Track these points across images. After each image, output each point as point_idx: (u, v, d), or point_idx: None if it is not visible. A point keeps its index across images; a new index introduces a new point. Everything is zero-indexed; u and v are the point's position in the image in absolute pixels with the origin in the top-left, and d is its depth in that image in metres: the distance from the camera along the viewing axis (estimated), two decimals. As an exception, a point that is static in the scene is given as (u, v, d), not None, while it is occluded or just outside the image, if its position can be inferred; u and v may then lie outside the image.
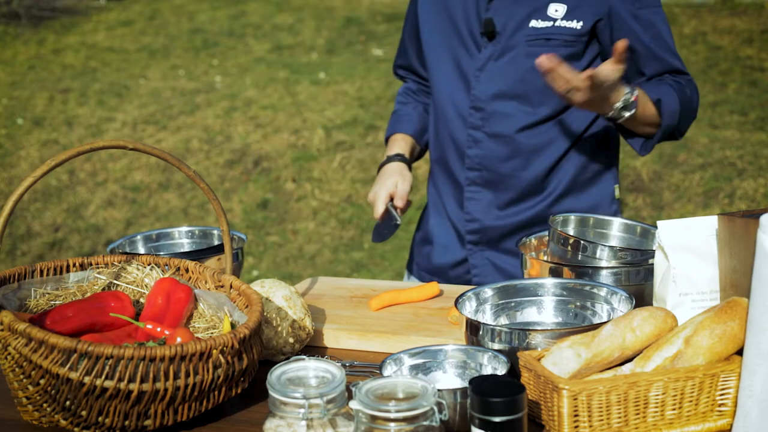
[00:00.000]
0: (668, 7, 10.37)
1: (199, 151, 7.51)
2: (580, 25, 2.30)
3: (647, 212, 6.12)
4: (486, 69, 2.37)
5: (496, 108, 2.37)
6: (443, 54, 2.44)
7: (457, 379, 1.70)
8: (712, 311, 1.57)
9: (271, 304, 1.89)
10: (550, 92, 2.29)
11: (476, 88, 2.38)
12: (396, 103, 2.72)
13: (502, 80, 2.36)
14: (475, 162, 2.43)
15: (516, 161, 2.40)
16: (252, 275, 5.83)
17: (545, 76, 2.11)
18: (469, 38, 2.39)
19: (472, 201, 2.46)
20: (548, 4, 2.30)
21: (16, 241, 6.54)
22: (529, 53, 2.31)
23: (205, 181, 1.77)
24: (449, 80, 2.44)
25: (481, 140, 2.40)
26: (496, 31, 2.33)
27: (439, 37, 2.44)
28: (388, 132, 2.66)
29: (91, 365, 1.51)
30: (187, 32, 11.11)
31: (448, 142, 2.47)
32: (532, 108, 2.36)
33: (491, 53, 2.36)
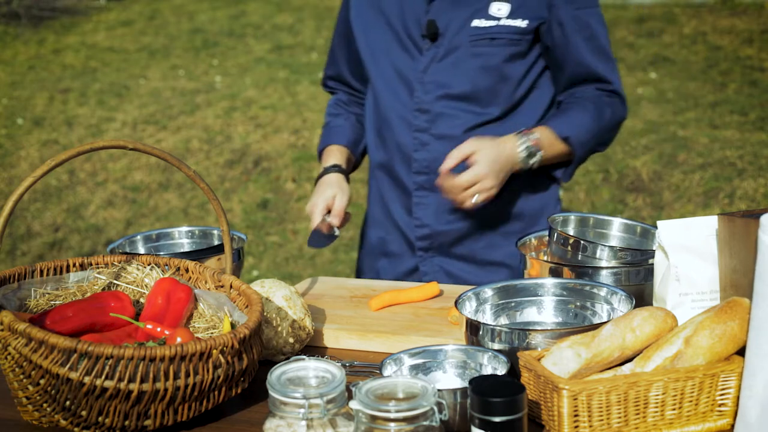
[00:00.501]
0: (668, 7, 10.38)
1: (199, 151, 7.51)
2: (525, 23, 2.27)
3: (647, 212, 6.12)
4: (429, 71, 2.33)
5: (442, 109, 2.34)
6: (382, 59, 2.40)
7: (457, 379, 1.70)
8: (712, 311, 1.57)
9: (271, 304, 1.89)
10: (498, 92, 2.32)
11: (420, 90, 2.35)
12: (327, 116, 2.67)
13: (448, 81, 2.33)
14: (422, 165, 2.39)
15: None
16: (252, 275, 5.83)
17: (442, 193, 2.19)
18: (409, 41, 2.34)
19: (421, 206, 2.42)
20: (490, 4, 2.28)
21: (16, 241, 6.54)
22: (474, 53, 2.29)
23: (205, 181, 1.77)
24: (390, 84, 2.39)
25: (428, 143, 2.37)
26: (439, 32, 2.30)
27: (377, 42, 2.40)
28: (322, 144, 2.61)
29: (91, 365, 1.51)
30: (187, 32, 11.11)
31: (393, 148, 2.43)
32: (480, 108, 2.33)
33: (434, 55, 2.32)
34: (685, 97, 7.85)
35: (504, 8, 2.27)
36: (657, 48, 9.28)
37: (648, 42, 9.47)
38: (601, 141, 2.37)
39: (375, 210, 2.57)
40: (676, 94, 7.92)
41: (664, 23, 9.97)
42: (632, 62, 8.91)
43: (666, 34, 9.67)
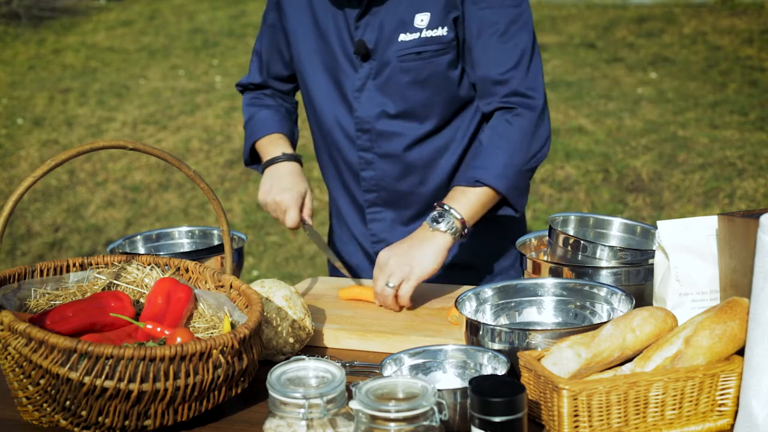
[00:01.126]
0: (668, 7, 10.38)
1: (199, 151, 7.51)
2: (444, 30, 2.19)
3: (647, 212, 6.12)
4: (365, 89, 2.27)
5: (383, 128, 2.29)
6: (321, 75, 2.33)
7: (457, 379, 1.70)
8: (712, 311, 1.57)
9: (271, 304, 1.89)
10: (433, 104, 2.26)
11: (359, 109, 2.29)
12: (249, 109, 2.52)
13: (383, 99, 2.27)
14: (371, 184, 2.36)
15: (412, 178, 2.33)
16: (252, 275, 5.83)
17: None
18: (344, 58, 2.28)
19: (375, 222, 2.40)
20: (414, 15, 2.20)
21: (16, 241, 6.54)
22: (403, 69, 2.22)
23: (205, 181, 1.77)
24: (331, 102, 2.33)
25: (373, 161, 2.33)
26: (370, 51, 2.24)
27: (315, 58, 2.33)
28: (255, 135, 2.45)
29: (91, 365, 1.51)
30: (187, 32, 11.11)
31: (342, 165, 2.39)
32: (418, 123, 2.28)
33: (368, 72, 2.26)
34: (685, 97, 7.85)
35: (425, 18, 2.19)
36: (657, 48, 9.28)
37: (648, 42, 9.48)
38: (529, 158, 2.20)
39: (336, 221, 2.55)
40: (676, 94, 7.92)
41: (664, 23, 9.97)
42: (632, 62, 8.91)
43: (666, 34, 9.67)
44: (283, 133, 2.45)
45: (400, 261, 2.09)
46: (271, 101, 2.54)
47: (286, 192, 2.32)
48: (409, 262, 2.08)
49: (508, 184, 2.16)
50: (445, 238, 2.10)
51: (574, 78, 8.50)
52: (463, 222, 2.11)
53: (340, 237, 2.54)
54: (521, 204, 2.22)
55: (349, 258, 2.52)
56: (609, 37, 9.77)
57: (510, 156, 2.16)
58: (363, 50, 2.24)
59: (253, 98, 2.56)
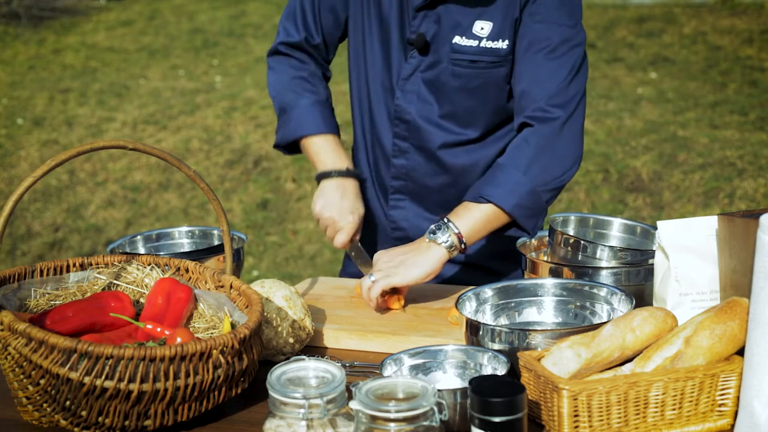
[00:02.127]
0: (668, 7, 10.38)
1: (199, 151, 7.51)
2: (506, 44, 2.13)
3: (647, 212, 6.12)
4: (411, 80, 2.23)
5: (421, 124, 2.25)
6: (376, 53, 2.25)
7: (457, 379, 1.70)
8: (712, 311, 1.57)
9: (271, 304, 1.89)
10: (477, 113, 2.21)
11: (401, 98, 2.24)
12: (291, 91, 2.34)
13: (428, 96, 2.23)
14: (401, 172, 2.31)
15: (444, 178, 2.29)
16: (252, 275, 5.83)
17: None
18: (399, 42, 2.22)
19: (397, 209, 2.36)
20: (474, 21, 2.14)
21: (16, 241, 6.54)
22: (455, 73, 2.17)
23: (205, 181, 1.77)
24: (379, 83, 2.28)
25: (408, 151, 2.29)
26: (428, 42, 2.17)
27: (374, 33, 2.24)
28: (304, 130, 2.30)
29: (91, 365, 1.51)
30: (187, 32, 11.11)
31: (378, 146, 2.34)
32: (460, 128, 2.24)
33: (418, 64, 2.21)
34: (685, 97, 7.85)
35: (486, 27, 2.13)
36: (657, 48, 9.28)
37: (648, 42, 9.48)
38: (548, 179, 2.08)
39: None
40: (676, 94, 7.92)
41: (664, 23, 9.97)
42: (632, 62, 8.91)
43: (666, 34, 9.67)
44: (335, 134, 2.33)
45: (390, 262, 2.07)
46: (320, 86, 2.37)
47: (349, 215, 2.24)
48: (397, 264, 2.06)
49: (515, 203, 2.05)
50: (440, 251, 2.05)
51: (574, 78, 8.49)
52: (460, 237, 2.05)
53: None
54: (532, 226, 2.10)
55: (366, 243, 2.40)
56: (609, 37, 9.77)
57: (522, 174, 2.06)
58: (421, 43, 2.17)
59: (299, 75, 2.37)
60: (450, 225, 2.06)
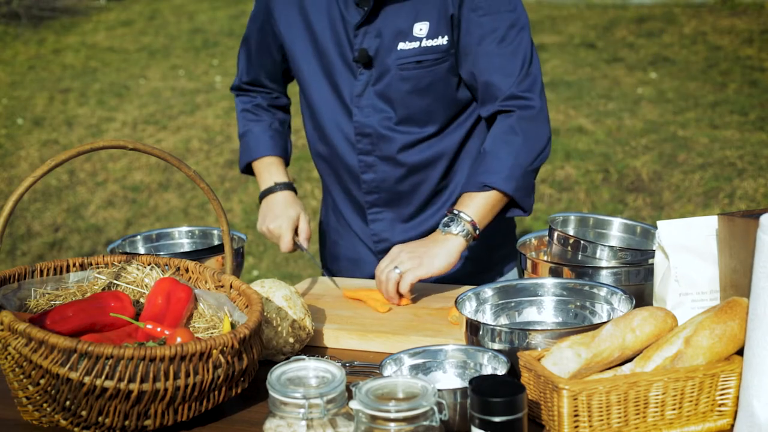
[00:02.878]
0: (668, 7, 10.38)
1: (199, 151, 7.51)
2: (445, 40, 2.22)
3: (647, 212, 6.12)
4: (365, 95, 2.30)
5: (383, 133, 2.32)
6: (320, 80, 2.36)
7: (457, 379, 1.70)
8: (712, 311, 1.57)
9: (271, 304, 1.89)
10: (432, 110, 2.30)
11: (359, 114, 2.32)
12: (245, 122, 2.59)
13: (384, 106, 2.30)
14: (371, 186, 2.40)
15: (413, 178, 2.37)
16: (252, 275, 5.83)
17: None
18: (342, 64, 2.31)
19: (377, 222, 2.44)
20: (413, 24, 2.23)
21: (16, 241, 6.54)
22: (403, 77, 2.25)
23: (205, 181, 1.77)
24: (330, 107, 2.36)
25: (374, 164, 2.37)
26: (371, 57, 2.26)
27: (313, 64, 2.35)
28: (252, 155, 2.53)
29: (91, 365, 1.51)
30: (187, 32, 11.11)
31: (341, 167, 2.42)
32: (419, 128, 2.32)
33: (368, 79, 2.29)
34: (685, 97, 7.85)
35: (424, 27, 2.22)
36: (657, 48, 9.28)
37: (648, 42, 9.48)
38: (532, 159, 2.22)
39: (331, 220, 2.58)
40: (676, 94, 7.92)
41: (664, 23, 9.97)
42: (632, 62, 8.91)
43: (666, 34, 9.67)
44: (276, 154, 2.53)
45: (412, 254, 2.14)
46: (264, 114, 2.60)
47: (278, 219, 2.42)
48: (420, 255, 2.14)
49: (515, 186, 2.19)
50: (458, 240, 2.15)
51: (574, 78, 8.50)
52: (473, 224, 2.16)
53: (340, 233, 2.55)
54: (529, 204, 2.25)
55: (353, 253, 2.53)
56: (609, 37, 9.77)
57: (515, 158, 2.19)
58: (365, 58, 2.26)
59: (246, 107, 2.61)
60: (461, 215, 2.16)
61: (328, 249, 2.62)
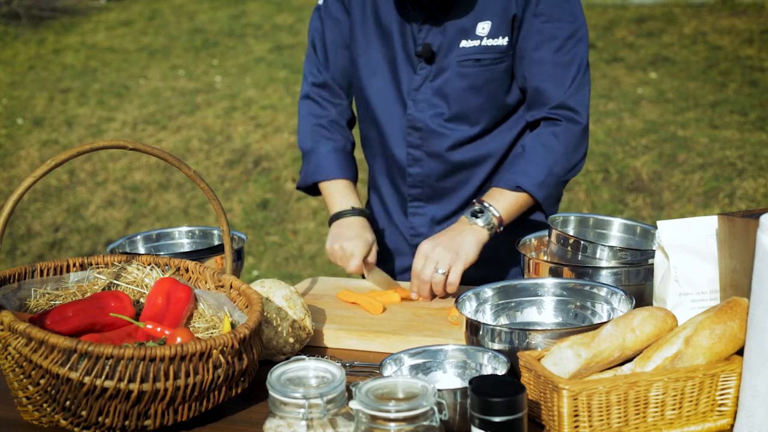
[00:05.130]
0: (668, 7, 10.38)
1: (199, 151, 7.51)
2: (505, 40, 2.26)
3: (647, 212, 6.12)
4: (422, 90, 2.34)
5: (434, 128, 2.35)
6: (382, 71, 2.38)
7: (457, 379, 1.70)
8: (712, 311, 1.57)
9: (271, 304, 1.89)
10: (485, 109, 2.33)
11: (413, 108, 2.35)
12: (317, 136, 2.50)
13: (439, 102, 2.33)
14: (416, 180, 2.42)
15: (457, 177, 2.40)
16: (252, 275, 5.83)
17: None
18: (404, 57, 2.34)
19: (416, 216, 2.47)
20: (476, 23, 2.26)
21: (16, 241, 6.54)
22: (461, 74, 2.29)
23: (205, 181, 1.77)
24: (387, 99, 2.39)
25: (421, 159, 2.39)
26: (434, 52, 2.30)
27: (377, 54, 2.38)
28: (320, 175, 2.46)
29: (91, 365, 1.51)
30: (187, 32, 11.11)
31: (391, 159, 2.45)
32: (469, 126, 2.35)
33: (427, 74, 2.32)
34: (685, 97, 7.85)
35: (486, 27, 2.26)
36: (657, 48, 9.28)
37: (648, 42, 9.48)
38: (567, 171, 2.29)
39: (377, 209, 2.58)
40: (676, 94, 7.92)
41: (664, 23, 9.97)
42: (632, 62, 8.91)
43: (666, 34, 9.67)
44: (348, 178, 2.47)
45: (445, 248, 2.16)
46: (338, 134, 2.51)
47: (353, 240, 2.32)
48: (455, 248, 2.16)
49: (546, 194, 2.25)
50: (482, 232, 2.20)
51: (574, 78, 8.49)
52: (500, 220, 2.22)
53: (382, 222, 2.57)
54: (553, 212, 2.31)
55: (392, 243, 2.55)
56: (609, 37, 9.77)
57: (552, 166, 2.25)
58: (428, 53, 2.30)
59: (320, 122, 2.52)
60: (491, 209, 2.21)
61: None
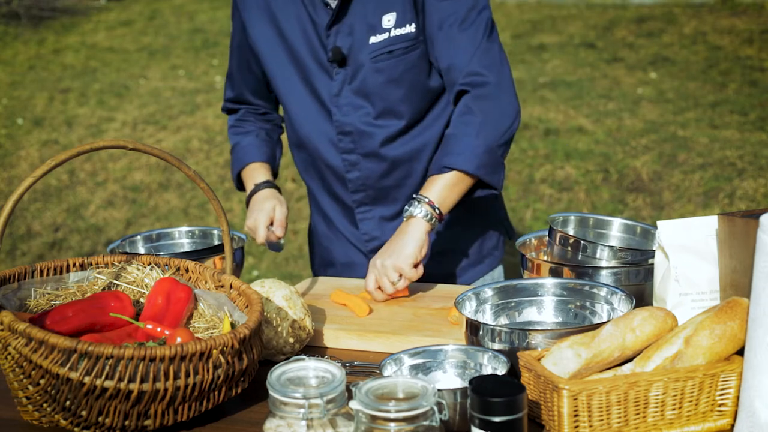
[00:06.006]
0: (668, 7, 10.38)
1: (199, 151, 7.51)
2: (412, 27, 2.25)
3: (647, 212, 6.12)
4: (343, 94, 2.32)
5: (363, 128, 2.34)
6: (295, 85, 2.38)
7: (457, 379, 1.70)
8: (712, 311, 1.57)
9: (271, 304, 1.89)
10: (409, 99, 2.31)
11: (338, 114, 2.34)
12: (233, 137, 2.60)
13: (362, 101, 2.32)
14: (357, 184, 2.41)
15: (397, 172, 2.39)
16: (252, 275, 5.83)
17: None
18: (317, 66, 2.33)
19: (366, 221, 2.45)
20: (381, 16, 2.25)
21: (16, 241, 6.54)
22: (377, 69, 2.27)
23: (205, 181, 1.77)
24: (310, 111, 2.38)
25: (357, 162, 2.38)
26: (345, 55, 2.29)
27: (286, 71, 2.38)
28: (239, 165, 2.55)
29: (91, 365, 1.51)
30: (187, 32, 11.11)
31: (325, 169, 2.44)
32: (397, 120, 2.33)
33: (344, 78, 2.31)
34: (685, 97, 7.85)
35: (392, 18, 2.24)
36: (657, 48, 9.28)
37: (648, 42, 9.48)
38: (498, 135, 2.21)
39: (320, 226, 2.58)
40: (676, 94, 7.92)
41: (664, 23, 9.97)
42: (632, 62, 8.91)
43: (666, 34, 9.67)
44: (261, 160, 2.53)
45: (387, 258, 2.16)
46: (250, 126, 2.61)
47: (251, 215, 2.40)
48: (395, 253, 2.16)
49: (477, 164, 2.18)
50: (421, 224, 2.17)
51: (574, 78, 8.50)
52: (431, 204, 2.17)
53: (330, 239, 2.56)
54: (497, 181, 2.23)
55: (345, 257, 2.54)
56: (609, 37, 9.77)
57: (475, 137, 2.18)
58: (339, 57, 2.28)
59: (234, 123, 2.63)
60: (420, 198, 2.18)
61: (320, 256, 2.62)
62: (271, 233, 2.39)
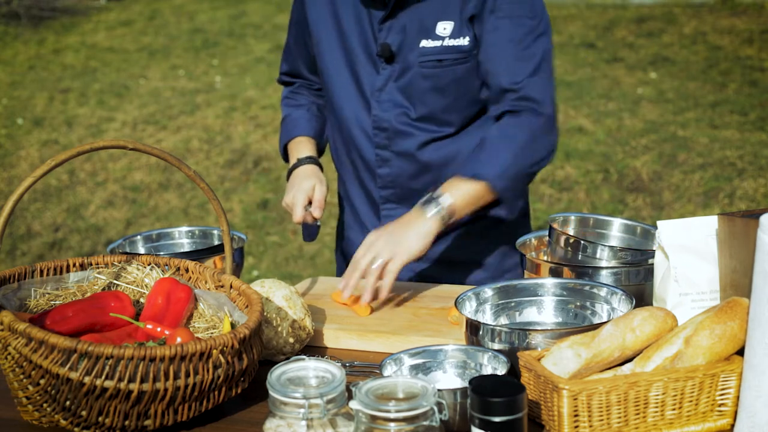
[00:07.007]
0: (668, 7, 10.38)
1: (199, 151, 7.51)
2: (467, 40, 2.23)
3: (647, 212, 6.12)
4: (386, 90, 2.32)
5: (400, 128, 2.33)
6: (343, 72, 2.37)
7: (457, 379, 1.70)
8: (712, 311, 1.57)
9: (271, 304, 1.89)
10: (452, 110, 2.30)
11: (377, 108, 2.33)
12: (285, 108, 2.61)
13: (404, 102, 2.31)
14: (387, 181, 2.40)
15: (427, 176, 2.36)
16: (252, 275, 5.83)
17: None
18: (366, 57, 2.32)
19: (389, 218, 2.40)
20: (437, 23, 2.23)
21: (16, 241, 6.54)
22: (424, 75, 2.26)
23: (205, 181, 1.77)
24: (351, 100, 2.38)
25: (390, 159, 2.37)
26: (394, 53, 2.28)
27: (337, 55, 2.37)
28: (287, 137, 2.54)
29: (91, 365, 1.51)
30: (187, 32, 11.11)
31: (358, 160, 2.43)
32: (436, 126, 2.32)
33: (390, 74, 2.30)
34: (685, 97, 7.85)
35: (448, 27, 2.23)
36: (657, 48, 9.28)
37: (648, 42, 9.48)
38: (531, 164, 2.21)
39: (349, 216, 2.57)
40: (676, 94, 7.92)
41: (664, 23, 9.97)
42: (632, 62, 8.91)
43: (666, 34, 9.67)
44: (308, 135, 2.51)
45: (387, 240, 2.11)
46: (304, 99, 2.60)
47: (290, 191, 2.38)
48: (397, 241, 2.10)
49: (505, 186, 2.17)
50: (431, 222, 2.12)
51: (574, 78, 8.50)
52: (451, 209, 2.12)
53: (355, 231, 2.55)
54: (514, 208, 2.24)
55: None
56: (609, 37, 9.77)
57: (513, 157, 2.17)
58: (387, 53, 2.28)
59: (288, 95, 2.63)
60: (441, 198, 2.13)
61: (345, 248, 2.61)
62: (308, 213, 2.36)
